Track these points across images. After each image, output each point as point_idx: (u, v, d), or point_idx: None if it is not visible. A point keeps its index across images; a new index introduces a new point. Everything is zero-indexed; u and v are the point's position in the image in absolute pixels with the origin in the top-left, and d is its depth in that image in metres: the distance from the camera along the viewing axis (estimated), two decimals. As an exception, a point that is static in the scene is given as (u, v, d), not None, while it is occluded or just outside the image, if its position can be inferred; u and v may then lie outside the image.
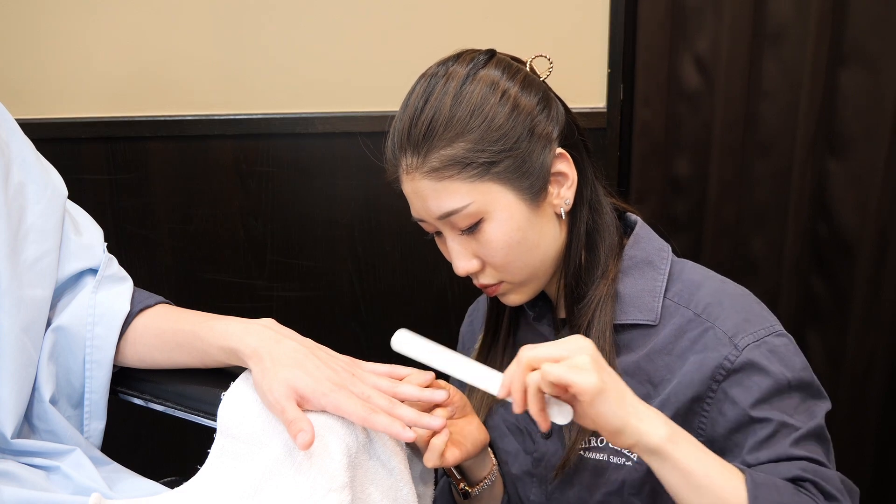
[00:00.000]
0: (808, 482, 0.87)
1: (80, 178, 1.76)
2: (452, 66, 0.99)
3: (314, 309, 1.86)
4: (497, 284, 1.03)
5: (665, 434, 0.83)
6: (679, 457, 0.83)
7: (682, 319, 1.00)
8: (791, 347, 0.97)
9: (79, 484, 0.96)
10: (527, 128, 0.97)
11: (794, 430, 0.91)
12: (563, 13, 1.68)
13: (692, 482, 0.83)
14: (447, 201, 0.96)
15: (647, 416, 0.84)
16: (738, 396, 0.94)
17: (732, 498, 0.82)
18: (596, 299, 1.02)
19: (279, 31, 1.71)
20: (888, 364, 1.84)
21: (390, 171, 1.02)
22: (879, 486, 1.93)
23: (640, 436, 0.83)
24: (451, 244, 1.01)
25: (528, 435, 1.10)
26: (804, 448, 0.90)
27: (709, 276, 1.05)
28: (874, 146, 1.70)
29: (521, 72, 1.01)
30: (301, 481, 0.85)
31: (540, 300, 1.11)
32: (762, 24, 1.68)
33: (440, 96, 0.96)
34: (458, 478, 1.10)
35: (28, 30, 1.70)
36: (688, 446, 0.84)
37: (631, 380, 1.00)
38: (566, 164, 1.00)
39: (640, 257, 1.04)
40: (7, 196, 0.98)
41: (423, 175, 0.96)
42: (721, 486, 0.83)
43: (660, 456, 0.83)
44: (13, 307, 0.96)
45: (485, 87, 0.97)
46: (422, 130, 0.96)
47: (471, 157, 0.95)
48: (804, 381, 0.95)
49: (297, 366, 0.91)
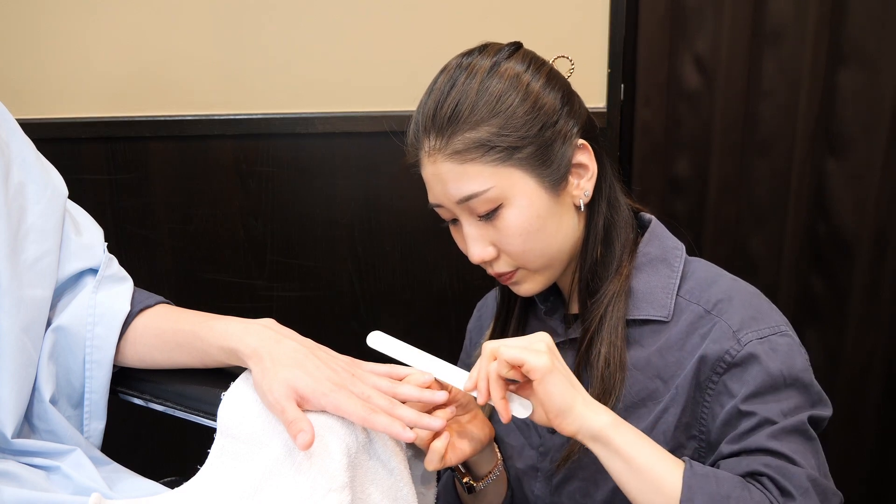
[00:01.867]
0: (766, 477, 0.87)
1: (80, 178, 1.76)
2: (476, 58, 1.00)
3: (314, 309, 1.86)
4: (512, 272, 1.03)
5: (608, 421, 0.88)
6: (620, 443, 0.87)
7: (692, 316, 1.01)
8: (795, 348, 0.97)
9: (79, 484, 0.96)
10: (550, 119, 0.98)
11: (773, 424, 0.91)
12: (563, 13, 1.68)
13: (633, 468, 0.87)
14: (468, 184, 0.97)
15: (593, 404, 0.89)
16: (735, 389, 0.94)
17: (669, 486, 0.86)
18: (609, 294, 1.02)
19: (279, 31, 1.71)
20: (887, 363, 1.84)
21: (410, 155, 1.03)
22: (879, 485, 1.93)
23: (584, 420, 0.88)
24: (467, 230, 1.01)
25: (534, 429, 1.10)
26: (781, 441, 0.90)
27: (721, 274, 1.05)
28: (873, 146, 1.70)
29: (546, 65, 1.02)
30: (301, 481, 0.85)
31: (552, 294, 1.11)
32: (762, 24, 1.68)
33: (465, 84, 0.98)
34: (462, 472, 1.10)
35: (28, 30, 1.70)
36: (630, 434, 0.88)
37: (639, 374, 1.01)
38: (587, 155, 1.02)
39: (654, 254, 1.05)
40: (7, 196, 0.98)
41: (446, 157, 0.97)
42: (659, 474, 0.87)
43: (601, 441, 0.88)
44: (13, 307, 0.96)
45: (509, 80, 0.98)
46: (447, 114, 0.97)
47: (494, 140, 0.96)
48: (801, 381, 0.94)
49: (297, 366, 0.91)
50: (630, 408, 1.01)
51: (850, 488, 1.89)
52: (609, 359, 1.00)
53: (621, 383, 1.00)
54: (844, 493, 0.94)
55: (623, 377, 1.00)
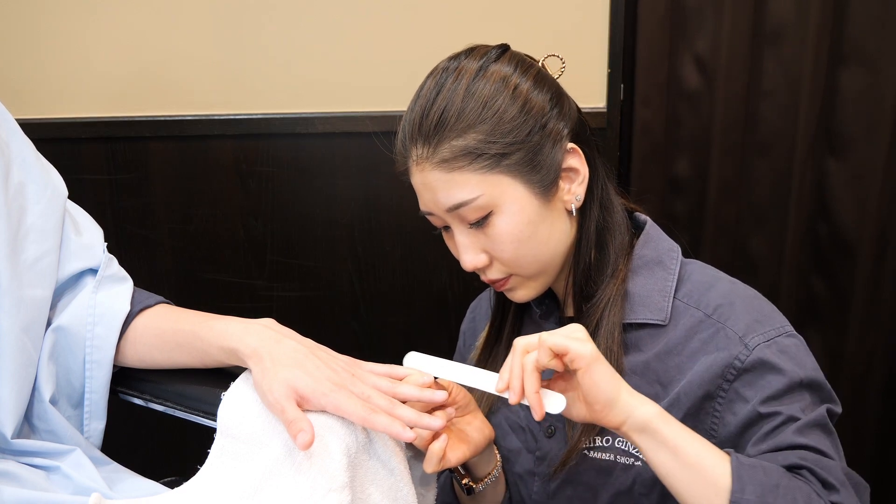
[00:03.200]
0: (806, 469, 0.86)
1: (80, 178, 1.76)
2: (464, 61, 0.99)
3: (314, 309, 1.86)
4: (506, 279, 1.02)
5: (655, 411, 0.86)
6: (668, 434, 0.85)
7: (692, 320, 1.00)
8: (802, 348, 0.96)
9: (79, 484, 0.96)
10: (539, 122, 0.97)
11: (797, 420, 0.90)
12: (562, 13, 1.68)
13: (680, 460, 0.84)
14: (457, 193, 0.96)
15: (638, 395, 0.87)
16: (750, 395, 0.93)
17: (719, 478, 0.83)
18: (605, 298, 1.01)
19: (279, 31, 1.71)
20: (888, 364, 1.84)
21: (399, 163, 1.02)
22: (879, 485, 1.93)
23: (632, 409, 0.85)
24: (459, 238, 1.00)
25: (531, 433, 1.10)
26: (807, 436, 0.89)
27: (719, 276, 1.04)
28: (874, 146, 1.70)
29: (534, 67, 1.01)
30: (301, 481, 0.85)
31: (547, 298, 1.10)
32: (762, 24, 1.68)
33: (452, 89, 0.96)
34: (461, 473, 1.10)
35: (28, 30, 1.70)
36: (676, 425, 0.86)
37: (639, 379, 1.00)
38: (578, 159, 1.00)
39: (650, 257, 1.04)
40: (7, 196, 0.98)
41: (434, 166, 0.96)
42: (708, 465, 0.84)
43: (648, 432, 0.85)
44: (13, 307, 0.96)
45: (497, 82, 0.97)
46: (433, 121, 0.96)
47: (482, 147, 0.95)
48: (816, 381, 0.94)
49: (297, 366, 0.90)
50: None
51: (850, 488, 1.90)
52: None
53: None
54: (845, 493, 0.93)
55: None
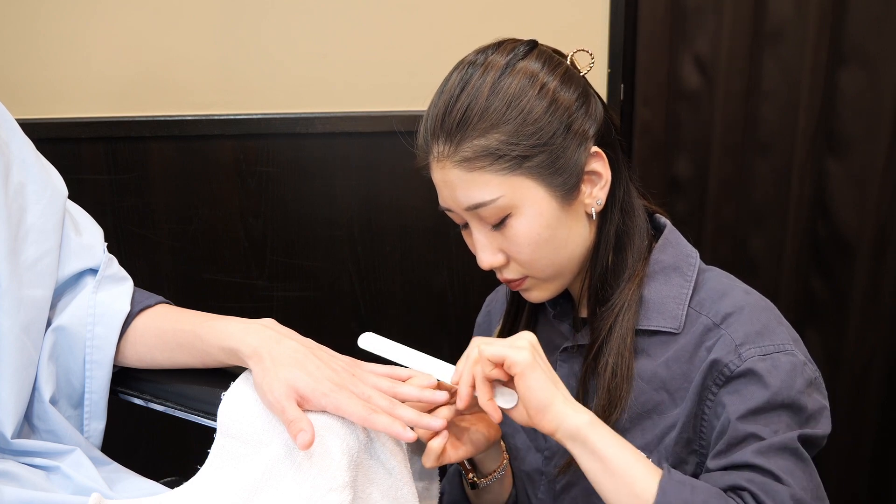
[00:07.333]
0: (748, 493, 0.85)
1: (80, 178, 1.76)
2: (492, 56, 0.97)
3: (314, 309, 1.86)
4: (521, 279, 1.01)
5: (586, 420, 0.87)
6: (597, 442, 0.86)
7: (701, 328, 0.98)
8: (798, 368, 0.93)
9: (79, 484, 0.96)
10: (563, 123, 0.95)
11: (760, 440, 0.88)
12: (562, 13, 1.68)
13: (608, 469, 0.86)
14: (477, 193, 0.95)
15: (573, 403, 0.89)
16: (730, 404, 0.92)
17: (643, 490, 0.84)
18: (620, 303, 1.00)
19: (279, 31, 1.71)
20: (887, 363, 1.84)
21: (420, 158, 1.00)
22: (880, 485, 1.93)
23: (564, 417, 0.87)
24: (476, 236, 0.99)
25: (541, 433, 1.10)
26: (766, 458, 0.87)
27: (734, 286, 1.02)
28: (873, 146, 1.70)
29: (562, 65, 0.99)
30: (301, 481, 0.85)
31: (562, 298, 1.09)
32: (762, 24, 1.68)
33: (477, 85, 0.95)
34: (468, 468, 1.10)
35: (28, 30, 1.70)
36: (608, 436, 0.87)
37: (645, 386, 0.99)
38: (601, 163, 0.99)
39: (667, 262, 1.02)
40: (7, 196, 0.98)
41: (455, 164, 0.95)
42: (634, 477, 0.85)
43: (579, 440, 0.87)
44: (13, 307, 0.96)
45: (523, 79, 0.95)
46: (456, 118, 0.94)
47: (504, 149, 0.94)
48: (797, 403, 0.91)
49: (297, 366, 0.90)
50: (635, 419, 1.00)
51: (851, 488, 1.90)
52: (616, 370, 0.98)
53: (627, 395, 0.98)
54: (845, 493, 0.92)
55: (629, 388, 0.99)
